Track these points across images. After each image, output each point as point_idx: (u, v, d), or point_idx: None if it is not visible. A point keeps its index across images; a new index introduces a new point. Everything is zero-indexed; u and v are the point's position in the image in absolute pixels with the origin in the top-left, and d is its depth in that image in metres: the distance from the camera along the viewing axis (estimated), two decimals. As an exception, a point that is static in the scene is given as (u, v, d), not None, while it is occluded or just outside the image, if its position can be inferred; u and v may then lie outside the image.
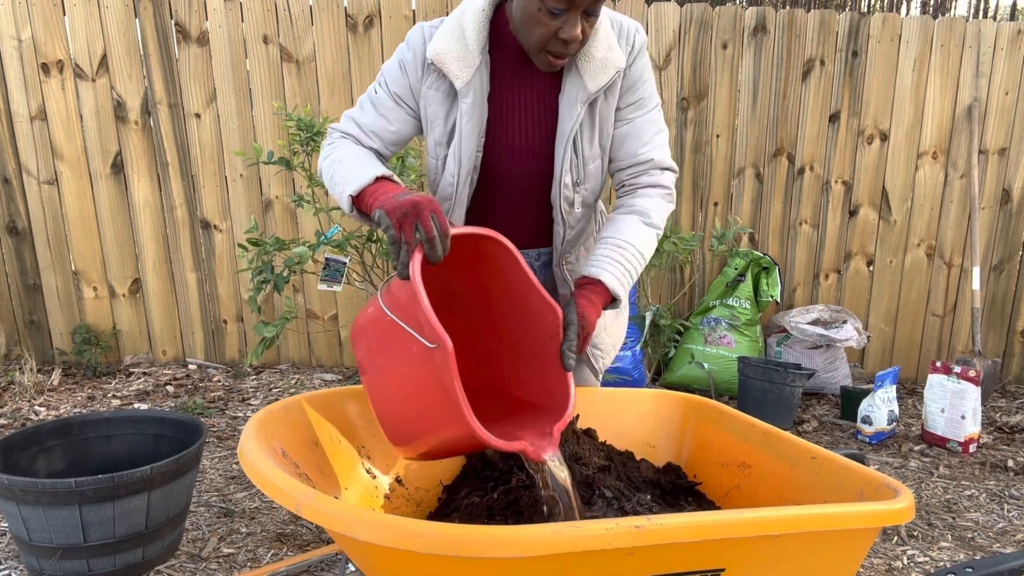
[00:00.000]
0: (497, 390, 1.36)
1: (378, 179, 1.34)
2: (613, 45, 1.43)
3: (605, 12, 1.44)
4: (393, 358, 1.22)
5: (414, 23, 3.55)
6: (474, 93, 1.42)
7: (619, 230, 1.47)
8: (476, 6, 1.43)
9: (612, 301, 1.42)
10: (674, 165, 1.56)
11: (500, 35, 1.45)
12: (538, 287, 1.31)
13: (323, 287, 3.04)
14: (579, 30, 1.32)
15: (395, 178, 1.37)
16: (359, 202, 1.36)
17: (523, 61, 1.46)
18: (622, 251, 1.44)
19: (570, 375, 1.29)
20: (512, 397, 1.40)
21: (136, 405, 3.29)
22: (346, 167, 1.40)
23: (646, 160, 1.51)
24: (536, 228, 1.57)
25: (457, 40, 1.41)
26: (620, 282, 1.42)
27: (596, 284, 1.40)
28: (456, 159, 1.46)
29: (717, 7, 3.68)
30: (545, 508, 1.20)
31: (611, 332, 1.70)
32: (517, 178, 1.51)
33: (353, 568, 1.92)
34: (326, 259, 2.98)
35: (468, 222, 1.54)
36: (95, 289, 3.74)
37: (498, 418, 1.26)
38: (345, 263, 3.05)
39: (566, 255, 1.57)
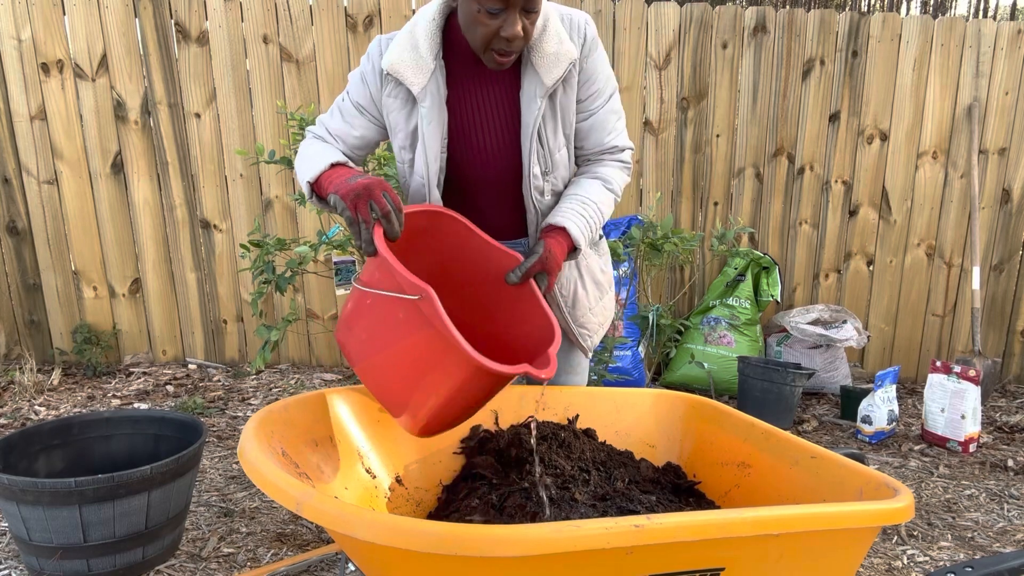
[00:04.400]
0: (496, 354, 1.38)
1: (332, 166, 1.43)
2: (564, 39, 1.48)
3: (553, 7, 1.51)
4: (383, 336, 1.27)
5: (414, 23, 3.55)
6: (431, 97, 1.49)
7: (583, 188, 1.57)
8: (427, 16, 1.49)
9: (573, 250, 1.53)
10: (631, 144, 1.67)
11: (453, 41, 1.51)
12: (495, 244, 1.44)
13: (341, 292, 3.04)
14: (519, 27, 1.37)
15: (349, 163, 1.45)
16: (318, 189, 1.44)
17: (478, 64, 1.52)
18: (585, 206, 1.54)
19: (548, 310, 1.40)
20: (510, 351, 1.47)
21: (136, 405, 3.29)
22: (306, 159, 1.49)
23: (611, 147, 1.62)
24: (515, 220, 1.63)
25: (410, 49, 1.47)
26: (581, 232, 1.52)
27: (560, 231, 1.51)
28: (423, 161, 1.52)
29: (717, 7, 3.67)
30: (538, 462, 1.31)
31: (596, 312, 1.75)
32: (489, 175, 1.57)
33: (353, 568, 1.92)
34: (335, 264, 2.98)
35: None
36: (95, 289, 3.74)
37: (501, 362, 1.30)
38: (354, 262, 3.05)
39: None
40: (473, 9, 1.36)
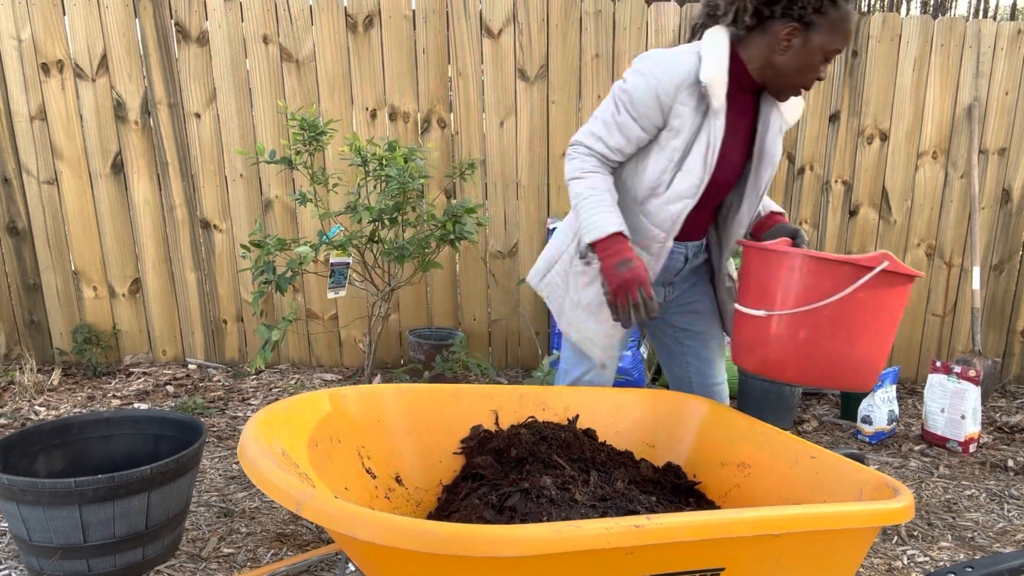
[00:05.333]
0: None
1: (612, 235, 1.67)
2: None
3: None
4: (854, 318, 1.51)
5: (414, 23, 3.55)
6: (723, 114, 1.71)
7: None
8: (723, 43, 1.70)
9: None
10: None
11: (730, 68, 1.75)
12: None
13: (331, 295, 3.04)
14: (823, 72, 1.72)
15: (625, 232, 1.69)
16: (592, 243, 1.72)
17: (738, 90, 1.76)
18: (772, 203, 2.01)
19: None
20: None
21: (136, 405, 3.29)
22: (591, 205, 1.71)
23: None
24: (703, 225, 1.90)
25: (719, 70, 1.68)
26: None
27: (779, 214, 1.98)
28: (702, 166, 1.72)
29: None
30: None
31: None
32: (719, 185, 1.81)
33: (353, 568, 1.92)
34: (332, 266, 2.98)
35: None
36: (95, 289, 3.74)
37: None
38: (348, 264, 3.05)
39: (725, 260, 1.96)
40: (816, 59, 1.68)
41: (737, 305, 1.70)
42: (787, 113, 1.81)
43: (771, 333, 1.58)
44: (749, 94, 1.79)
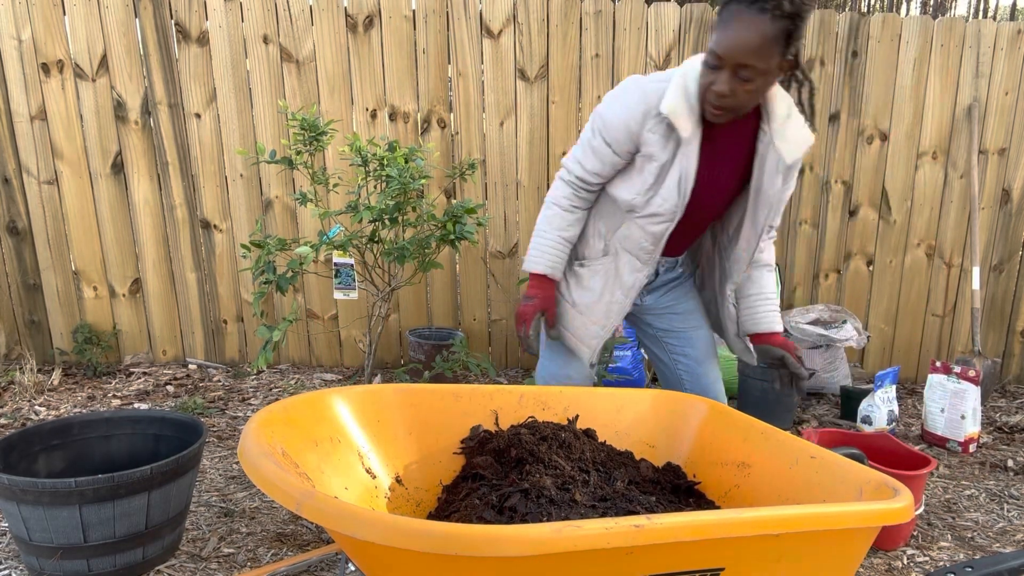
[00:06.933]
0: None
1: (535, 274, 1.87)
2: (804, 127, 1.73)
3: (789, 98, 1.72)
4: None
5: (414, 23, 3.55)
6: (692, 144, 1.69)
7: (761, 285, 1.94)
8: (695, 68, 1.65)
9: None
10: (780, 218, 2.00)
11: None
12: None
13: (340, 296, 3.04)
14: (726, 88, 1.55)
15: (548, 274, 1.86)
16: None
17: (717, 128, 1.72)
18: (769, 301, 1.95)
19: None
20: None
21: (136, 405, 3.29)
22: (537, 241, 1.89)
23: (772, 226, 1.92)
24: (685, 247, 1.96)
25: (683, 97, 1.65)
26: (780, 322, 1.95)
27: (775, 335, 1.94)
28: (675, 193, 1.72)
29: (717, 7, 3.67)
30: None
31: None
32: (704, 212, 1.82)
33: (353, 568, 1.92)
34: (335, 266, 2.98)
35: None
36: (95, 289, 3.74)
37: None
38: (352, 265, 3.05)
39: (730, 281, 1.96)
40: (704, 60, 1.59)
41: None
42: (784, 150, 1.71)
43: None
44: (747, 120, 1.74)
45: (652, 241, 1.81)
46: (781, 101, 1.71)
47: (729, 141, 1.75)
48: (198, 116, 3.60)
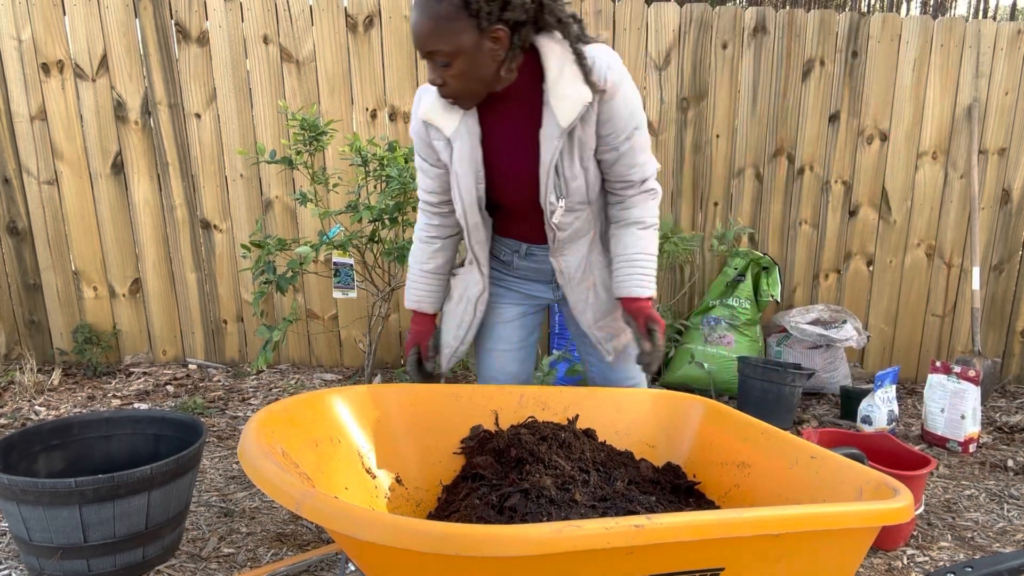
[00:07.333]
0: None
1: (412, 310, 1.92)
2: (579, 83, 1.57)
3: (577, 50, 1.57)
4: None
5: (414, 23, 3.55)
6: (462, 138, 1.65)
7: (625, 247, 1.75)
8: None
9: (648, 299, 1.75)
10: (656, 165, 1.77)
11: None
12: None
13: (339, 295, 3.04)
14: (435, 77, 1.53)
15: (417, 308, 1.90)
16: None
17: (504, 101, 1.64)
18: (633, 264, 1.74)
19: None
20: None
21: (136, 405, 3.29)
22: (408, 277, 1.93)
23: (636, 180, 1.73)
24: (539, 230, 1.81)
25: (433, 102, 1.64)
26: (643, 285, 1.73)
27: (630, 300, 1.73)
28: (458, 194, 1.71)
29: (717, 7, 3.67)
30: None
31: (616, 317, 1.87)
32: (519, 199, 1.74)
33: (353, 568, 1.92)
34: (335, 266, 2.98)
35: (493, 235, 1.86)
36: (95, 289, 3.74)
37: None
38: (351, 264, 3.05)
39: (562, 250, 1.80)
40: None
41: None
42: (559, 111, 1.57)
43: None
44: (530, 81, 1.61)
45: (480, 235, 1.77)
46: (552, 57, 1.56)
47: (516, 107, 1.64)
48: (198, 116, 3.60)
